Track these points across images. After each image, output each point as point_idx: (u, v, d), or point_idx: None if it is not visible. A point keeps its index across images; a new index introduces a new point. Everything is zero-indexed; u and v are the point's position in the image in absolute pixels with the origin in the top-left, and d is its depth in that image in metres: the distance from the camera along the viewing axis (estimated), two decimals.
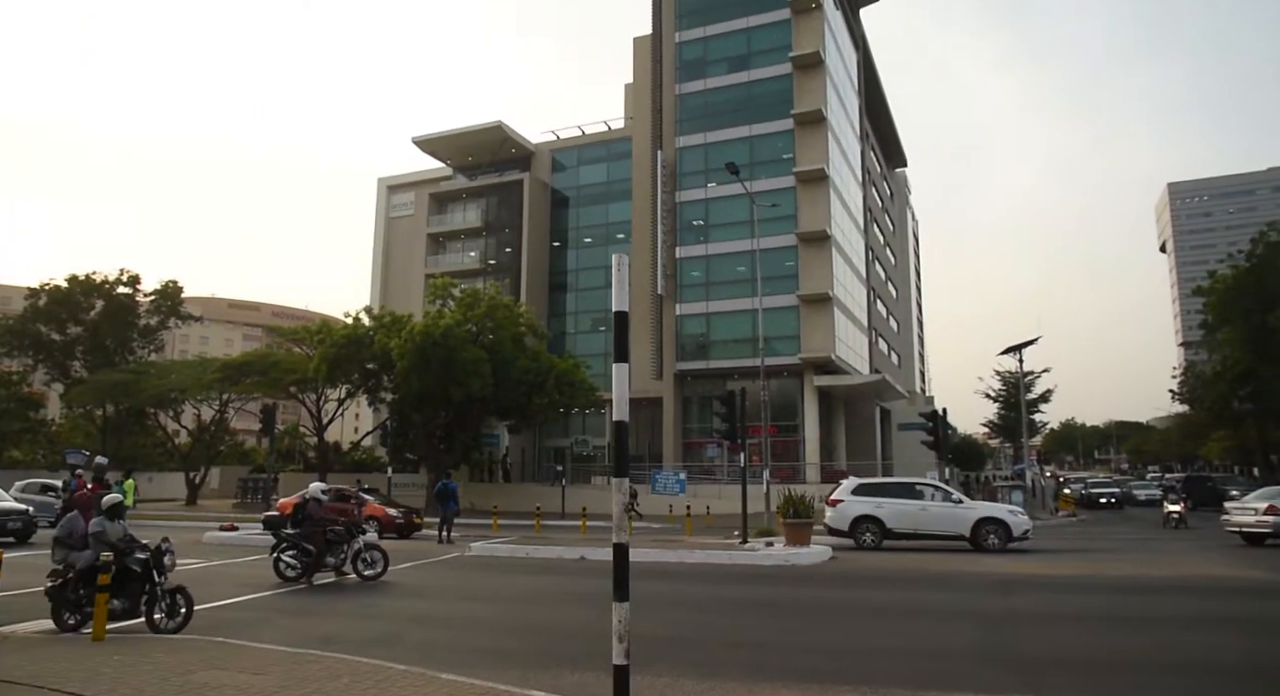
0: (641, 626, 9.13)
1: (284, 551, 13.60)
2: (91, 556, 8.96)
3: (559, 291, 52.65)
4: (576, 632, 9.30)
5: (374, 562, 13.86)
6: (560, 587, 13.54)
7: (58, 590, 9.07)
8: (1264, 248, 48.07)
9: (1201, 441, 77.22)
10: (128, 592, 9.04)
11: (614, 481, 4.72)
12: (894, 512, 19.61)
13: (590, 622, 9.38)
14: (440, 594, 12.87)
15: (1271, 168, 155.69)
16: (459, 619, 10.66)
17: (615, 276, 4.70)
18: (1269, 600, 11.75)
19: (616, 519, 4.65)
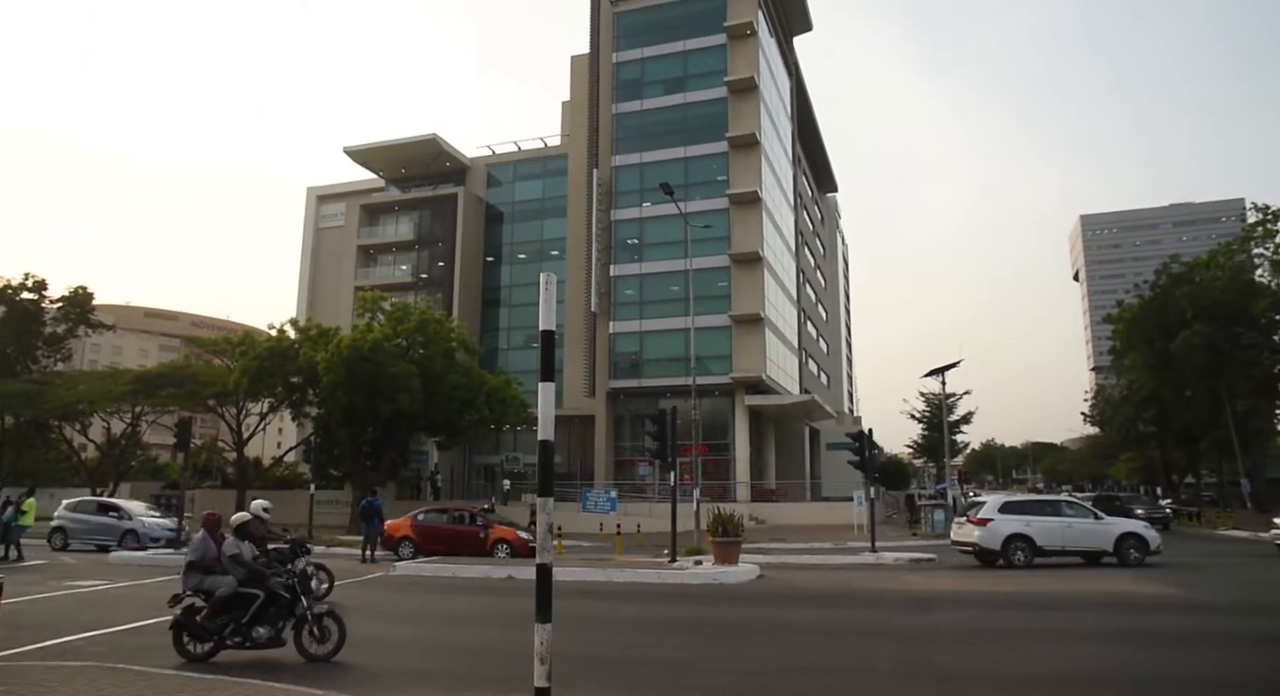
0: (567, 646, 9.05)
1: None
2: (234, 581, 8.54)
3: (492, 307, 52.22)
4: (503, 653, 9.15)
5: (321, 582, 13.44)
6: (487, 608, 13.32)
7: (188, 617, 8.47)
8: (1166, 279, 50.72)
9: (1111, 461, 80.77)
10: (269, 618, 8.56)
11: (538, 500, 4.68)
12: (1042, 530, 19.63)
13: (517, 643, 9.19)
14: (362, 614, 12.50)
15: (1173, 203, 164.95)
16: (381, 640, 10.37)
17: (543, 295, 4.69)
18: (1170, 614, 12.27)
19: (540, 539, 4.61)
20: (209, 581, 8.67)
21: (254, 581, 8.66)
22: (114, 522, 25.78)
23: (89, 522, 26.24)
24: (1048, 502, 21.59)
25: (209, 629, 8.46)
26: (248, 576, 8.66)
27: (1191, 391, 48.68)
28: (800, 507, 39.96)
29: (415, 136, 51.93)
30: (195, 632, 8.51)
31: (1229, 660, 8.88)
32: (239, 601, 8.48)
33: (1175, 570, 18.76)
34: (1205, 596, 14.22)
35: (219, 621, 8.46)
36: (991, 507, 20.41)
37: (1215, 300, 44.90)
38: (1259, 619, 11.85)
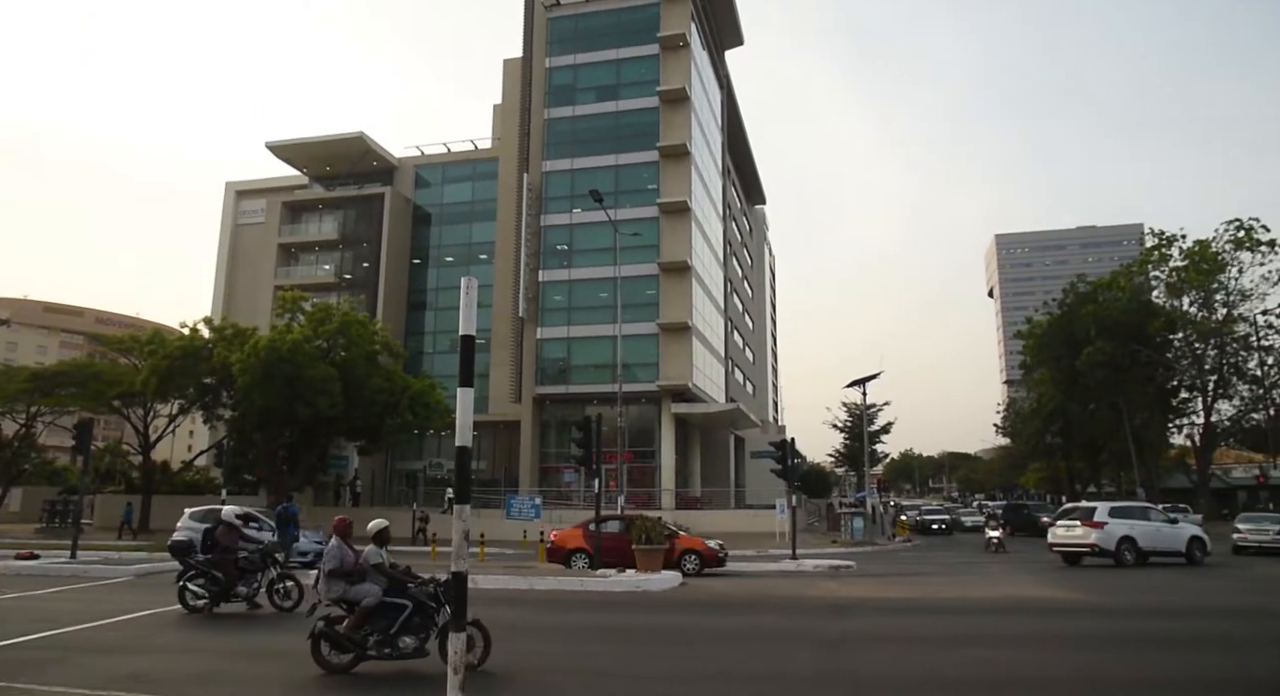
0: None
1: (191, 579, 12.58)
2: (380, 591, 8.30)
3: (418, 310, 51.32)
4: (419, 663, 8.94)
5: (289, 593, 13.04)
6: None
7: (330, 628, 8.22)
8: (1073, 298, 53.18)
9: (1021, 471, 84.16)
10: (414, 627, 8.29)
11: (455, 508, 4.61)
12: (1143, 533, 21.45)
13: (434, 653, 9.05)
14: (274, 625, 12.06)
15: (1080, 226, 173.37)
16: (292, 652, 10.02)
17: (463, 299, 4.63)
18: (1073, 617, 12.82)
19: (456, 546, 4.54)
20: (354, 591, 8.43)
21: (397, 590, 8.46)
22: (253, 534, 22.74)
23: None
24: (1139, 508, 23.55)
25: (354, 639, 8.26)
26: (389, 585, 8.46)
27: (1094, 405, 51.11)
28: (724, 515, 40.35)
29: (341, 134, 50.75)
30: (338, 643, 8.29)
31: (1130, 659, 9.31)
32: (383, 611, 8.30)
33: (1083, 576, 19.61)
34: (1104, 600, 14.90)
35: (363, 631, 8.27)
36: (1103, 512, 22.09)
37: (1116, 319, 47.27)
38: (1160, 620, 12.46)
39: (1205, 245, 45.36)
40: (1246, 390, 47.25)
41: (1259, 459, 58.80)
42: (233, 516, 13.39)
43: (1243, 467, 64.93)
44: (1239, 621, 12.25)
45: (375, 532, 8.72)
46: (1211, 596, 15.50)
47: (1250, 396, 47.28)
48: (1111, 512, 21.90)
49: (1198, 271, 45.23)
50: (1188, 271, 45.83)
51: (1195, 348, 46.80)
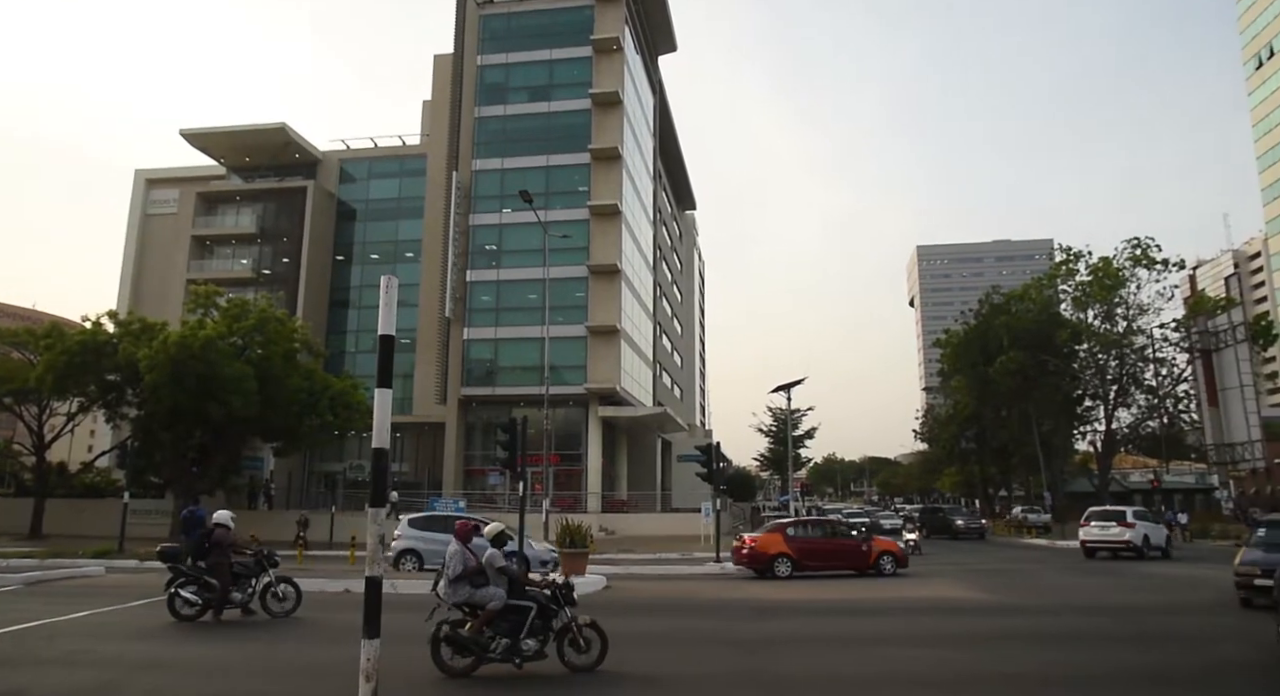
0: (402, 662, 8.72)
1: (182, 587, 12.05)
2: (504, 594, 8.34)
3: (340, 308, 49.99)
4: (333, 672, 8.66)
5: (285, 598, 12.67)
6: (320, 622, 12.59)
7: (455, 631, 8.26)
8: (988, 309, 55.29)
9: (937, 476, 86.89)
10: (534, 630, 8.34)
11: (370, 511, 4.47)
12: (1150, 531, 26.50)
13: (351, 661, 8.79)
14: (179, 634, 11.54)
15: (996, 240, 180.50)
16: (199, 661, 9.60)
17: (383, 298, 4.50)
18: (984, 616, 13.28)
19: (371, 551, 4.40)
20: (480, 594, 8.40)
21: (518, 593, 8.49)
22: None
23: None
24: (1140, 512, 28.01)
25: (478, 642, 8.27)
26: (510, 587, 8.47)
27: (1006, 411, 53.22)
28: (651, 518, 40.48)
29: (262, 124, 49.06)
30: (463, 646, 8.30)
31: (1033, 656, 9.67)
32: (507, 613, 8.34)
33: (987, 576, 20.32)
34: (1013, 599, 15.48)
35: (486, 635, 8.30)
36: (1131, 515, 26.60)
37: (1027, 329, 49.30)
38: (1062, 618, 12.99)
39: (1108, 261, 47.71)
40: (1143, 399, 49.85)
41: (1154, 464, 62.11)
42: (226, 519, 12.84)
43: (1139, 472, 68.42)
44: (1120, 617, 12.93)
45: (495, 535, 8.82)
46: (1108, 595, 16.26)
47: (1146, 405, 49.90)
48: (1136, 515, 26.83)
49: (1101, 286, 47.53)
50: (1092, 286, 48.11)
51: (1098, 358, 49.14)
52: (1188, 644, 10.62)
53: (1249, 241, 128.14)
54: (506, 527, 9.25)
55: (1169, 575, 20.67)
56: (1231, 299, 48.78)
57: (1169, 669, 8.98)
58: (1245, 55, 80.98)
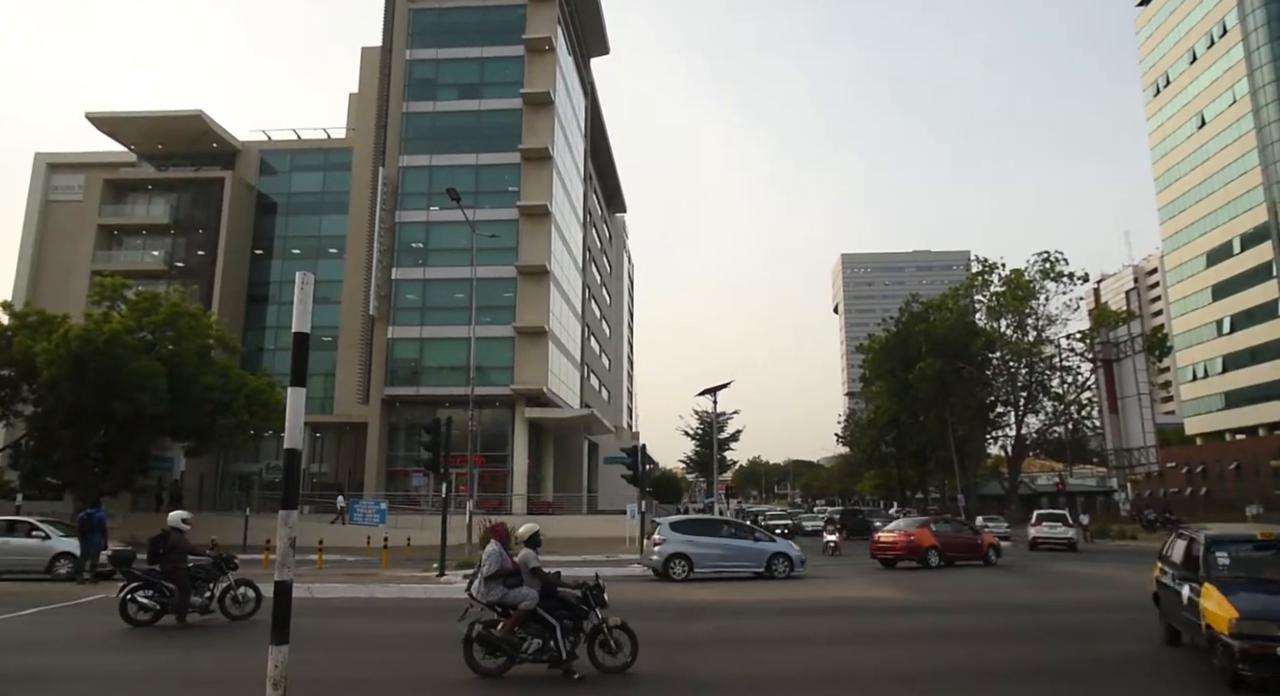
0: (316, 668, 8.52)
1: (136, 591, 11.57)
2: (537, 595, 8.35)
3: (259, 303, 48.38)
4: (243, 680, 8.39)
5: (245, 601, 12.38)
6: (228, 630, 12.16)
7: (487, 631, 8.25)
8: (908, 317, 57.09)
9: (858, 478, 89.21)
10: (566, 630, 8.35)
11: (280, 514, 4.35)
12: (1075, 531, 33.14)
13: (261, 668, 8.54)
14: (75, 643, 10.99)
15: (916, 250, 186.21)
16: (95, 673, 9.15)
17: (298, 295, 4.40)
18: (898, 616, 13.69)
19: (281, 554, 4.28)
20: (513, 594, 8.39)
21: (550, 593, 8.52)
22: (751, 546, 20.65)
23: (726, 547, 20.42)
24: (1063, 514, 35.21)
25: (511, 642, 8.29)
26: (543, 589, 8.48)
27: (924, 417, 54.98)
28: (577, 520, 40.37)
29: (178, 111, 47.13)
30: (495, 646, 8.30)
31: (944, 653, 10.02)
32: (539, 614, 8.34)
33: (902, 576, 20.94)
34: (925, 598, 16.00)
35: (518, 635, 8.30)
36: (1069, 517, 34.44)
37: (944, 337, 51.10)
38: (962, 616, 13.49)
39: (1019, 273, 49.82)
40: (1050, 406, 52.21)
41: (1059, 467, 65.07)
42: (180, 522, 12.43)
43: (1046, 476, 71.55)
44: (1030, 614, 13.52)
45: (529, 536, 8.83)
46: (1013, 593, 16.98)
47: (1053, 411, 52.27)
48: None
49: (1013, 297, 49.61)
50: (1005, 297, 50.17)
51: (1010, 366, 51.25)
52: (1087, 639, 11.14)
53: (1147, 258, 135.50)
54: (540, 529, 9.28)
55: (1072, 573, 21.65)
56: (1131, 312, 51.61)
57: (1069, 664, 9.42)
58: (1145, 82, 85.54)
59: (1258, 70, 66.65)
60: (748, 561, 20.37)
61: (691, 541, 20.06)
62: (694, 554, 19.76)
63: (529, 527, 9.01)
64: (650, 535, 21.56)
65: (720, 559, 20.22)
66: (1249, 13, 67.74)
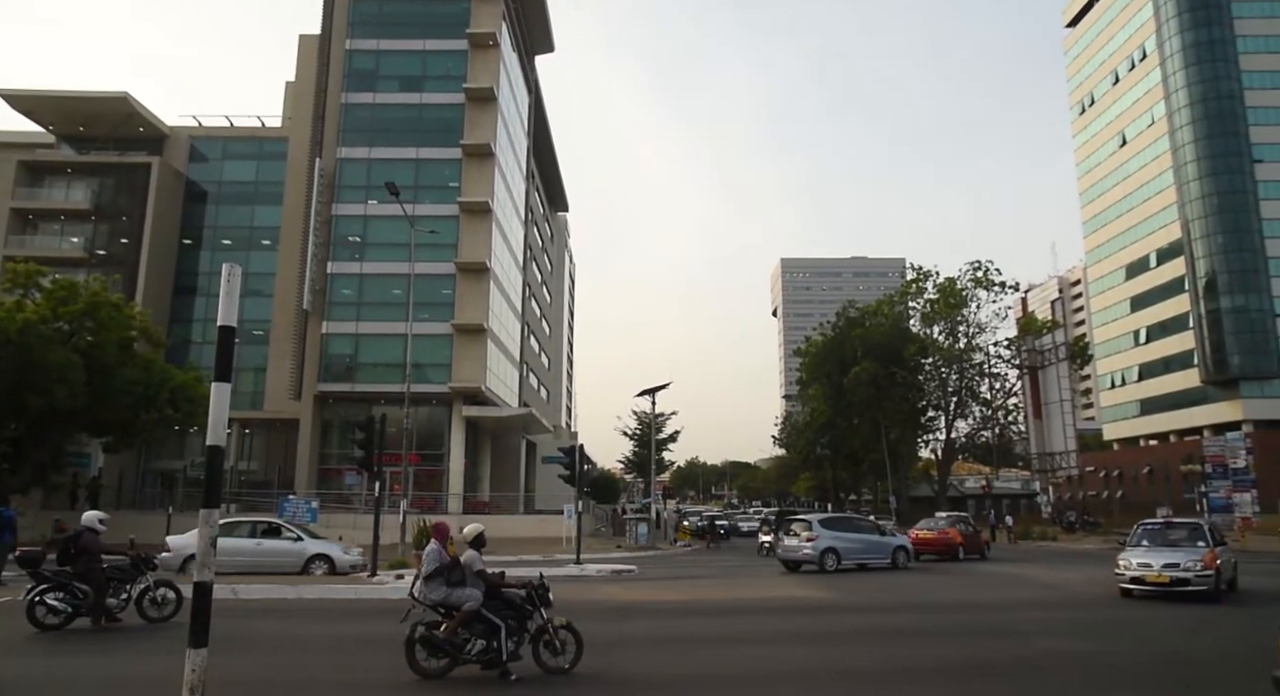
0: (239, 672, 8.27)
1: (46, 594, 11.00)
2: (480, 595, 8.25)
3: (187, 295, 46.69)
4: (159, 685, 8.08)
5: (164, 603, 11.87)
6: (147, 633, 11.71)
7: (430, 632, 8.10)
8: (844, 322, 58.21)
9: (793, 480, 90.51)
10: (510, 631, 8.27)
11: (201, 513, 4.19)
12: None
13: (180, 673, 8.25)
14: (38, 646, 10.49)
15: (854, 256, 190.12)
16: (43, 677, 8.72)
17: (224, 287, 4.25)
18: (828, 615, 13.93)
19: (201, 555, 4.13)
20: (456, 594, 8.28)
21: (494, 594, 8.44)
22: (880, 541, 23.79)
23: (863, 541, 23.42)
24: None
25: (454, 643, 8.16)
26: (487, 589, 8.39)
27: (858, 420, 56.14)
28: (513, 520, 40.06)
29: (101, 92, 45.20)
30: (438, 647, 8.17)
31: (872, 653, 10.23)
32: (483, 615, 8.25)
33: (833, 576, 21.33)
34: (854, 598, 16.31)
35: (462, 636, 8.18)
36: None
37: (879, 343, 52.27)
38: (897, 615, 13.80)
39: (952, 282, 51.28)
40: (979, 411, 53.85)
41: (986, 471, 67.16)
42: (95, 522, 11.86)
43: (973, 478, 73.77)
44: (948, 614, 13.92)
45: (474, 536, 8.68)
46: (938, 593, 17.44)
47: (982, 416, 53.92)
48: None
49: (946, 305, 51.03)
50: (938, 304, 51.56)
51: (941, 372, 52.69)
52: (1009, 637, 11.51)
53: (1071, 269, 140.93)
54: (485, 529, 9.16)
55: (994, 573, 22.33)
56: (1055, 321, 53.44)
57: (989, 660, 9.71)
58: (1072, 101, 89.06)
59: (1174, 94, 69.92)
60: (879, 554, 23.20)
61: (838, 536, 22.76)
62: (841, 547, 22.37)
63: (474, 528, 8.87)
64: (785, 531, 24.05)
65: (859, 551, 22.95)
66: (1166, 39, 71.04)
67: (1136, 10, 76.42)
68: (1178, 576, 14.38)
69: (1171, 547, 15.42)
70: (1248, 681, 6.63)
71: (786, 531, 23.83)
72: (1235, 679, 8.44)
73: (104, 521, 12.11)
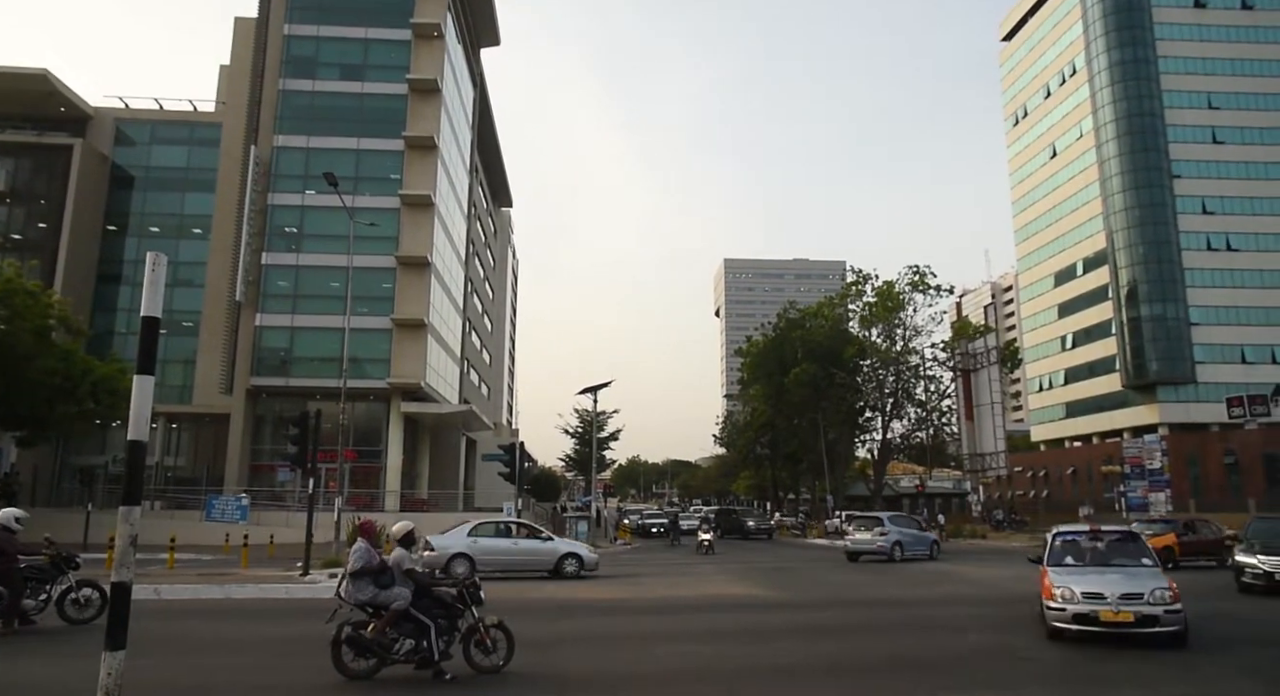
0: (160, 675, 7.99)
1: None
2: (409, 594, 8.05)
3: (111, 283, 44.87)
4: (74, 689, 7.74)
5: (87, 603, 11.36)
6: (67, 635, 11.21)
7: (357, 632, 7.89)
8: (785, 323, 58.96)
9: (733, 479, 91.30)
10: (440, 630, 8.10)
11: (121, 510, 4.01)
12: None
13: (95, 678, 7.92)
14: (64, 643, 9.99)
15: (795, 258, 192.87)
16: None
17: (148, 276, 4.07)
18: (762, 612, 14.09)
19: (120, 553, 3.96)
20: (384, 595, 8.07)
21: (424, 593, 8.25)
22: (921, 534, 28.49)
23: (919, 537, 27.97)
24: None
25: (382, 643, 7.96)
26: (417, 588, 8.21)
27: (798, 420, 56.95)
28: (452, 517, 39.19)
29: (17, 67, 43.11)
30: (366, 648, 7.96)
31: (805, 649, 10.37)
32: (412, 614, 8.07)
33: (769, 575, 21.60)
34: (790, 596, 16.54)
35: (390, 636, 7.98)
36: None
37: (819, 344, 53.10)
38: (826, 612, 14.04)
39: (891, 285, 52.35)
40: (914, 412, 55.12)
41: (920, 471, 68.82)
42: (9, 520, 11.25)
43: (908, 478, 75.52)
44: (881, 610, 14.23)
45: (404, 535, 8.51)
46: (873, 590, 17.81)
47: (917, 417, 55.21)
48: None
49: (884, 308, 52.08)
50: (876, 307, 52.59)
51: (879, 373, 53.76)
52: (940, 632, 11.80)
53: (1004, 275, 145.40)
54: (416, 527, 9.06)
55: (927, 571, 22.90)
56: (988, 326, 55.00)
57: (923, 655, 9.94)
58: (1006, 112, 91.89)
59: (1101, 109, 72.70)
60: (923, 546, 27.60)
61: (902, 532, 27.03)
62: (904, 541, 26.66)
63: (403, 526, 8.70)
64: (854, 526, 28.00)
65: (912, 544, 26.97)
66: (1094, 57, 73.85)
67: (1068, 28, 79.16)
68: (1144, 613, 9.91)
69: (1115, 569, 11.04)
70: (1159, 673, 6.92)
71: (856, 526, 27.93)
72: None
73: (20, 520, 11.56)
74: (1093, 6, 74.13)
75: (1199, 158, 70.54)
